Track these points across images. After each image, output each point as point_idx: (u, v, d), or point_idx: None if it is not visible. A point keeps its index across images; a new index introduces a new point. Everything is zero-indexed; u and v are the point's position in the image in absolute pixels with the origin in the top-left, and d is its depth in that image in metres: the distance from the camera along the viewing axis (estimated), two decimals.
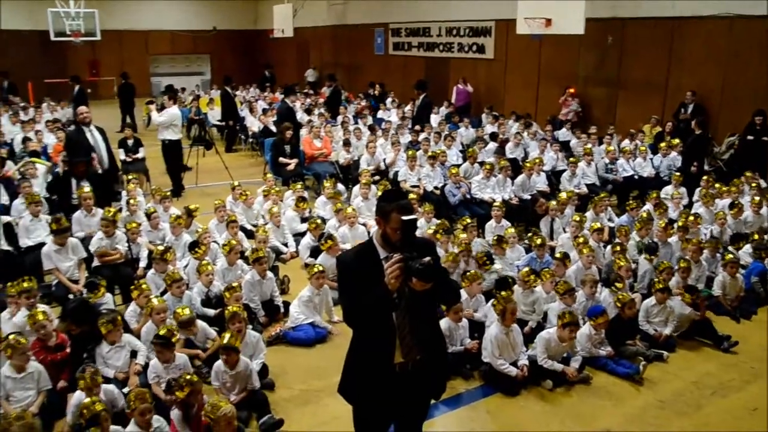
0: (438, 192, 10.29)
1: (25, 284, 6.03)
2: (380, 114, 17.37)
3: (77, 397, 4.87)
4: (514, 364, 5.73)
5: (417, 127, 13.36)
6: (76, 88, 17.23)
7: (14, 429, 4.28)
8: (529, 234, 7.97)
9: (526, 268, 6.83)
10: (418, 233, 3.61)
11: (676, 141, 11.88)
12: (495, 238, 7.82)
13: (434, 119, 15.59)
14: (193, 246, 7.39)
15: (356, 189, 9.97)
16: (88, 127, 9.04)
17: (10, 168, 10.70)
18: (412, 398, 3.60)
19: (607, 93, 14.95)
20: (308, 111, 16.80)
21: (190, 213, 8.41)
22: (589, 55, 15.11)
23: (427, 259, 3.10)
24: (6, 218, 8.19)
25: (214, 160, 12.75)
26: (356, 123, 15.31)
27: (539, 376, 5.77)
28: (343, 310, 3.47)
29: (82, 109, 9.24)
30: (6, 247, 7.72)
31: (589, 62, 15.21)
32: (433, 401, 3.84)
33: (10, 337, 5.07)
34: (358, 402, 3.67)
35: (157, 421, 4.64)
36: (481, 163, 10.69)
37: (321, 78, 25.22)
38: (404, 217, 3.21)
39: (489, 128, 14.89)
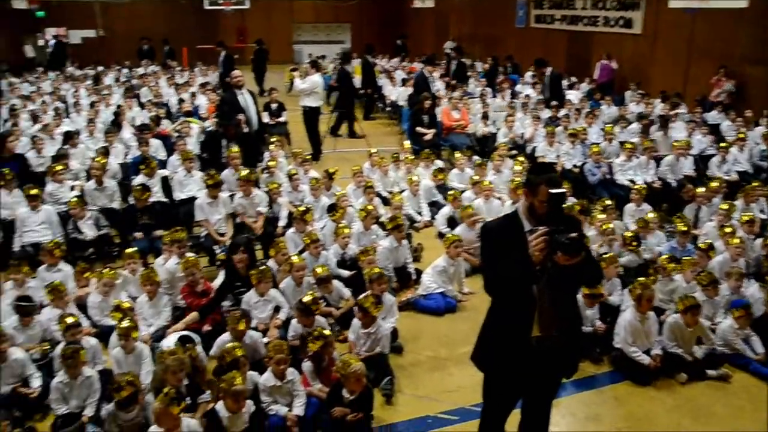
0: (577, 170, 10.01)
1: (178, 234, 6.51)
2: (518, 88, 17.04)
3: (223, 338, 5.24)
4: (647, 352, 5.54)
5: (554, 103, 13.01)
6: (223, 53, 18.07)
7: (169, 362, 4.66)
8: (674, 219, 7.60)
9: (666, 255, 6.55)
10: None
11: None
12: (638, 221, 7.54)
13: (575, 96, 15.11)
14: (331, 209, 7.64)
15: (491, 163, 9.90)
16: (241, 90, 9.51)
17: (167, 126, 11.47)
18: (544, 374, 3.58)
19: (767, 73, 13.83)
20: (447, 83, 16.75)
21: (329, 176, 8.67)
22: (749, 30, 14.00)
23: (574, 234, 3.07)
24: (163, 172, 8.83)
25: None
26: (494, 96, 15.13)
27: (673, 367, 5.55)
28: (485, 278, 3.48)
29: (236, 72, 9.73)
30: (162, 198, 8.34)
31: (748, 38, 14.10)
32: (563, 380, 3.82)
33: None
34: (490, 371, 3.70)
35: (291, 374, 4.87)
36: (623, 143, 10.29)
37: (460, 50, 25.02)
38: (553, 190, 3.19)
39: (633, 107, 14.24)
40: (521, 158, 10.05)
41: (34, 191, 7.50)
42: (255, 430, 4.47)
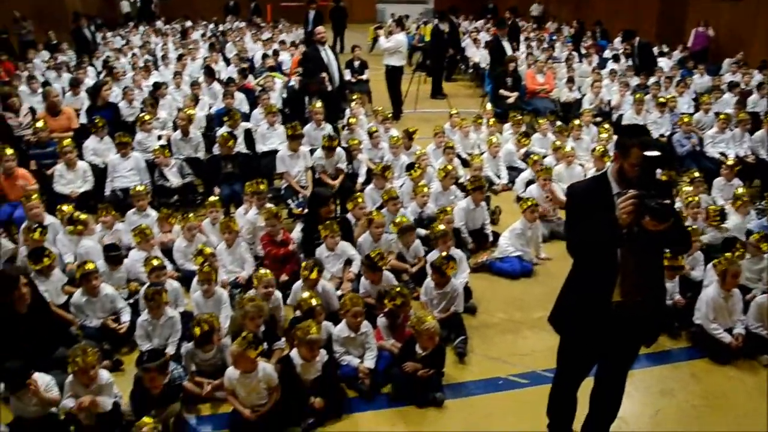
0: (665, 140, 9.64)
1: (260, 186, 6.64)
2: (606, 54, 16.48)
3: (299, 285, 5.37)
4: (729, 331, 5.32)
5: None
6: (313, 11, 18.11)
7: (248, 308, 4.80)
8: (766, 196, 7.24)
9: (758, 233, 6.25)
10: None
11: None
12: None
13: (666, 63, 14.50)
14: (410, 167, 7.63)
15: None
16: (323, 47, 9.54)
17: (251, 81, 11.65)
18: (623, 341, 3.51)
19: None
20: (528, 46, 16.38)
21: (409, 135, 8.64)
22: None
23: (666, 200, 2.97)
24: (246, 125, 9.00)
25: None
26: (581, 62, 14.69)
27: (756, 349, 5.29)
28: (568, 239, 3.43)
29: (320, 28, 9.76)
30: (245, 150, 8.50)
31: None
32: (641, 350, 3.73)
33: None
34: (567, 334, 3.65)
35: (365, 326, 4.94)
36: (717, 114, 9.82)
37: (546, 13, 24.33)
38: (647, 153, 3.08)
39: (728, 77, 13.54)
40: (606, 125, 9.75)
41: (125, 139, 7.80)
42: (327, 379, 4.56)
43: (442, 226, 6.09)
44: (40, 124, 8.13)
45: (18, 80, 11.52)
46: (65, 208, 6.51)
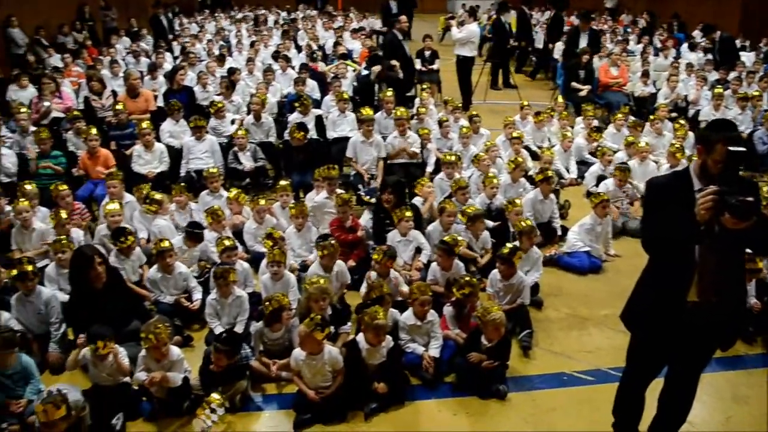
0: (745, 137, 9.29)
1: (331, 171, 6.73)
2: (683, 48, 15.94)
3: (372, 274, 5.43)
4: None
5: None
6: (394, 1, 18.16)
7: (311, 290, 4.90)
8: None
9: None
10: None
11: None
12: None
13: (748, 58, 13.95)
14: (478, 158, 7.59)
15: (649, 125, 9.38)
16: (401, 36, 9.60)
17: (322, 66, 11.77)
18: (697, 342, 3.40)
19: None
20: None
21: (470, 119, 8.62)
22: None
23: (750, 198, 2.86)
24: (317, 111, 9.09)
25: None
26: (656, 55, 14.26)
27: None
28: (643, 234, 3.34)
29: (404, 18, 9.87)
30: (315, 136, 8.61)
31: None
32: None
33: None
34: (640, 333, 3.56)
35: (431, 315, 4.94)
36: None
37: (621, 5, 23.69)
38: (732, 148, 2.97)
39: None
40: (682, 121, 9.46)
41: (200, 123, 8.03)
42: (391, 365, 4.60)
43: (528, 221, 6.01)
44: (120, 106, 8.42)
45: (100, 65, 11.94)
46: (143, 188, 6.73)
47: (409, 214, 5.97)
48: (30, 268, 5.04)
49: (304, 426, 4.34)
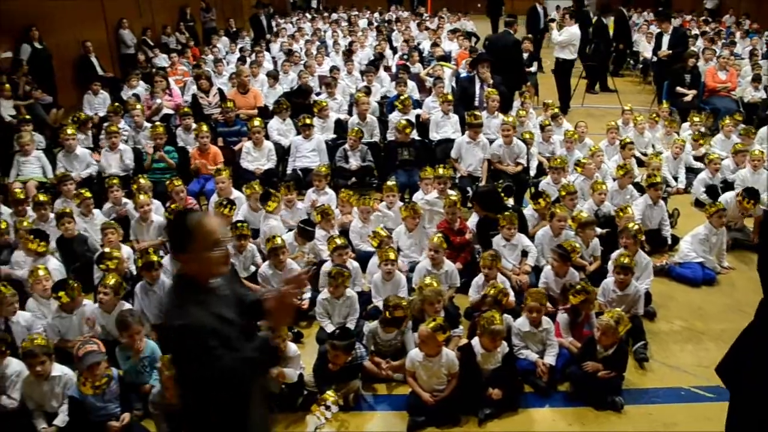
0: None
1: (441, 171, 6.77)
2: None
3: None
4: None
5: None
6: None
7: (426, 293, 4.94)
8: None
9: None
10: None
11: None
12: None
13: None
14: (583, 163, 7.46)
15: (763, 131, 8.96)
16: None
17: (419, 69, 11.81)
18: None
19: None
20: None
21: (553, 117, 8.59)
22: None
23: None
24: (417, 111, 9.13)
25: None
26: (765, 58, 13.63)
27: None
28: (760, 257, 2.87)
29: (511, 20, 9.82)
30: (416, 137, 8.65)
31: None
32: None
33: None
34: (741, 394, 2.92)
35: (546, 323, 4.89)
36: None
37: (721, 5, 22.77)
38: None
39: None
40: None
41: (308, 121, 8.19)
42: (506, 370, 4.57)
43: (637, 224, 5.89)
44: (230, 104, 8.69)
45: (204, 63, 12.36)
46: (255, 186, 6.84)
47: (514, 220, 5.88)
48: (155, 258, 5.28)
49: (418, 428, 4.37)
